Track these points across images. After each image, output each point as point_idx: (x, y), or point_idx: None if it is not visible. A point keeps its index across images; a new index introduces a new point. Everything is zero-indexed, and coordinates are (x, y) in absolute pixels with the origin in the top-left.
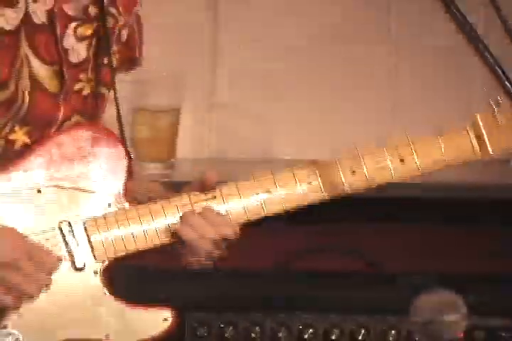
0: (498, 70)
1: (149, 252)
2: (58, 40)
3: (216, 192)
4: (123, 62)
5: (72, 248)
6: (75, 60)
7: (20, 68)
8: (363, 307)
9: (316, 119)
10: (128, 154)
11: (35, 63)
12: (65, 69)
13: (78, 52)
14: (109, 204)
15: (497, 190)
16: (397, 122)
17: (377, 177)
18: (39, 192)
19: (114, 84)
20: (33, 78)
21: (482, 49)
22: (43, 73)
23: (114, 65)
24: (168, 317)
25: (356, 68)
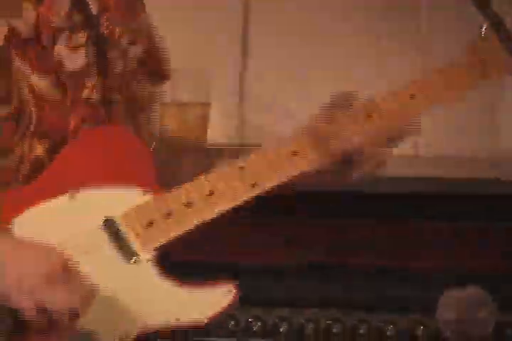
0: None
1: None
2: (49, 50)
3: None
4: (150, 76)
5: (119, 243)
6: (72, 68)
7: (18, 81)
8: (391, 305)
9: None
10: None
11: (32, 76)
12: (63, 78)
13: (75, 60)
14: (144, 194)
15: None
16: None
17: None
18: (72, 198)
19: (124, 90)
20: (32, 90)
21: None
22: (41, 84)
23: (119, 70)
24: (230, 289)
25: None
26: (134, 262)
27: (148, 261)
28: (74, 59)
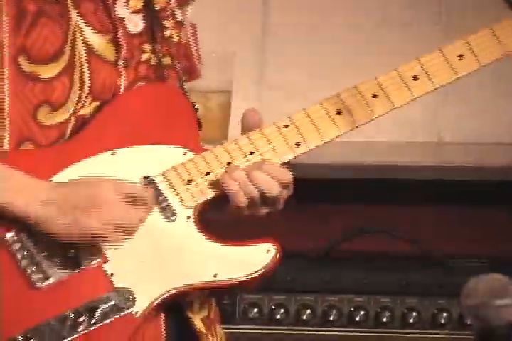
0: None
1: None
2: (110, 9)
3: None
4: (183, 72)
5: (159, 200)
6: (133, 29)
7: (74, 36)
8: (414, 291)
9: None
10: (193, 105)
11: (87, 31)
12: (121, 38)
13: (135, 22)
14: (185, 153)
15: None
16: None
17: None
18: (113, 154)
19: (177, 57)
20: (87, 46)
21: None
22: (96, 41)
23: (175, 39)
24: (270, 248)
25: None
26: (174, 220)
27: (188, 219)
28: (135, 21)
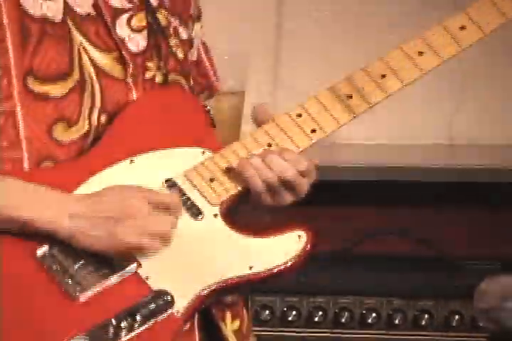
0: None
1: None
2: (112, 30)
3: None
4: (202, 89)
5: (183, 200)
6: (135, 48)
7: (79, 56)
8: (426, 293)
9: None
10: (205, 107)
11: (92, 51)
12: (126, 55)
13: (137, 41)
14: (203, 153)
15: None
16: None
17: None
18: (132, 162)
19: (185, 75)
20: (94, 65)
21: None
22: (103, 60)
23: (180, 56)
24: (301, 235)
25: None
26: (201, 218)
27: (216, 216)
28: (136, 40)
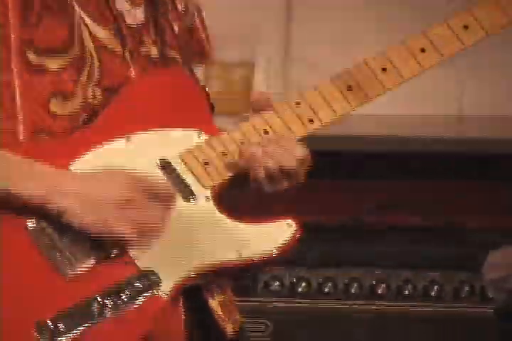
0: None
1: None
2: (110, 2)
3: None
4: (193, 56)
5: (176, 182)
6: (132, 22)
7: (79, 30)
8: (436, 264)
9: None
10: (204, 88)
11: (92, 25)
12: (124, 30)
13: (135, 15)
14: (199, 135)
15: None
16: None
17: (446, 47)
18: (129, 140)
19: (181, 49)
20: (94, 39)
21: None
22: (102, 34)
23: (176, 30)
24: (290, 223)
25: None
26: (193, 201)
27: (208, 199)
28: (133, 14)
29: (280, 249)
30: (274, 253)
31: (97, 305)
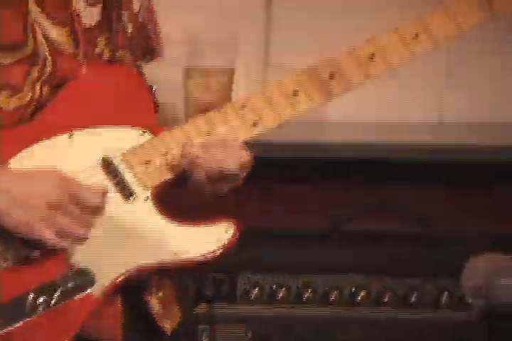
0: None
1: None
2: (68, 2)
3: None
4: (143, 53)
5: (117, 181)
6: (88, 22)
7: (33, 28)
8: (415, 270)
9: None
10: (151, 87)
11: (46, 24)
12: (78, 31)
13: (91, 15)
14: (142, 134)
15: None
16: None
17: (395, 56)
18: (71, 137)
19: (133, 50)
20: (47, 38)
21: None
22: (56, 34)
23: (129, 31)
24: (229, 228)
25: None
26: (132, 200)
27: (147, 199)
28: (90, 14)
29: (217, 252)
30: (210, 255)
31: (30, 301)
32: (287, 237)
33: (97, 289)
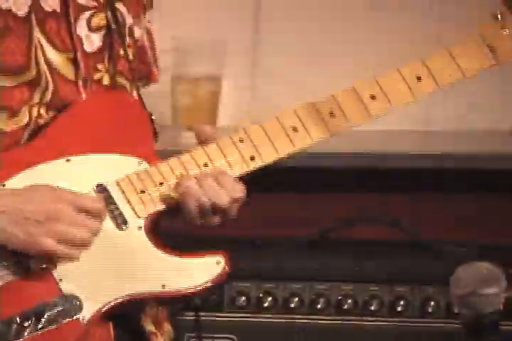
0: None
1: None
2: (72, 28)
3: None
4: (139, 77)
5: (111, 208)
6: (89, 49)
7: (36, 53)
8: (402, 278)
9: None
10: (150, 116)
11: (49, 49)
12: (80, 57)
13: (93, 41)
14: (139, 163)
15: None
16: None
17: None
18: (68, 161)
19: (132, 75)
20: (48, 64)
21: None
22: (57, 60)
23: (130, 57)
24: (220, 261)
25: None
26: (125, 229)
27: (140, 228)
28: (92, 40)
29: (206, 285)
30: (199, 289)
31: (16, 325)
32: (274, 246)
33: (84, 315)
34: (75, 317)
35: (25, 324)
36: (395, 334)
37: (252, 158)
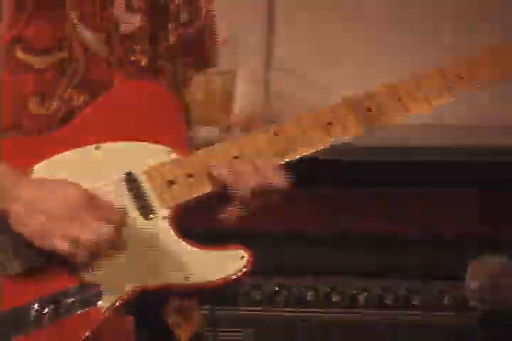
0: None
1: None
2: (108, 7)
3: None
4: (196, 62)
5: (138, 197)
6: (126, 29)
7: (70, 32)
8: (417, 273)
9: (372, 84)
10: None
11: (83, 29)
12: (115, 37)
13: (130, 22)
14: (169, 153)
15: None
16: None
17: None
18: (97, 148)
19: (174, 59)
20: (81, 43)
21: None
22: (91, 39)
23: (171, 40)
24: (244, 255)
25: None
26: (151, 218)
27: (165, 219)
28: (129, 20)
29: (228, 280)
30: (221, 282)
31: (35, 312)
32: (289, 240)
33: (104, 304)
34: (94, 306)
35: (45, 310)
36: (411, 326)
37: (285, 151)
